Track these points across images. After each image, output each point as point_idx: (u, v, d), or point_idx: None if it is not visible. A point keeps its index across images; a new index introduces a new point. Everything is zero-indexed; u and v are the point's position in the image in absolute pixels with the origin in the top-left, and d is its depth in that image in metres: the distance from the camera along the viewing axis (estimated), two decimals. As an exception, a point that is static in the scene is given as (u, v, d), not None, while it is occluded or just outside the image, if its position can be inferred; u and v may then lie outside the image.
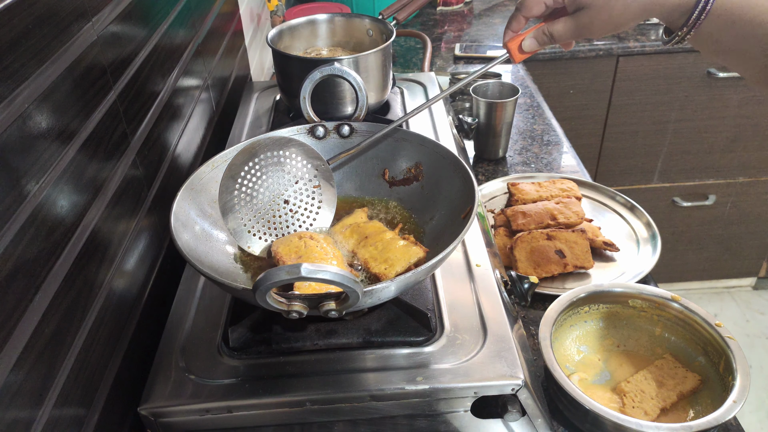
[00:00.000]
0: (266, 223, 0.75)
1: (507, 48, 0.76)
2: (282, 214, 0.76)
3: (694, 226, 2.21)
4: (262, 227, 0.75)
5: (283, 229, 0.76)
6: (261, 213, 0.75)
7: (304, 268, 0.48)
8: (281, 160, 0.75)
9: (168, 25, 0.86)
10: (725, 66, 0.69)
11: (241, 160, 0.72)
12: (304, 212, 0.77)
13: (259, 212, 0.74)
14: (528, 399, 0.62)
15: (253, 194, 0.74)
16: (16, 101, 0.47)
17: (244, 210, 0.73)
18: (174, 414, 0.60)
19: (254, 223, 0.74)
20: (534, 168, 1.28)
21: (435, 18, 2.12)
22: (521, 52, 0.75)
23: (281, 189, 0.75)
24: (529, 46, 0.74)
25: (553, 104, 1.59)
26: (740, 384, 0.69)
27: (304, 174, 0.76)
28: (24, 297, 0.47)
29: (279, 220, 0.76)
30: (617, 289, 0.83)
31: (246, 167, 0.73)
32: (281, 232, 0.76)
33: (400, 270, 0.68)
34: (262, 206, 0.75)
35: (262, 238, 0.74)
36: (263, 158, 0.74)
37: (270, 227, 0.75)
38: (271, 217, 0.75)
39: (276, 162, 0.74)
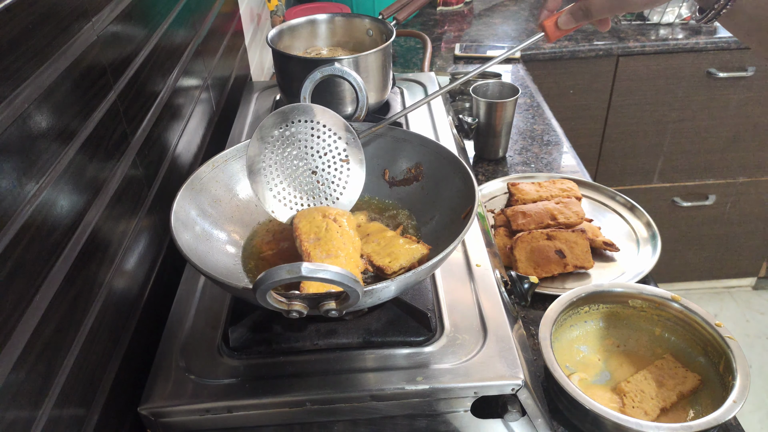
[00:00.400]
0: (292, 191, 0.74)
1: (543, 27, 0.74)
2: (309, 184, 0.74)
3: (694, 226, 2.21)
4: (288, 194, 0.74)
5: (308, 200, 0.74)
6: (288, 180, 0.74)
7: (305, 268, 0.48)
8: (312, 129, 0.73)
9: (168, 25, 0.86)
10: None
11: (272, 123, 0.72)
12: (331, 185, 0.75)
13: (286, 179, 0.74)
14: (528, 399, 0.62)
15: (281, 159, 0.73)
16: (16, 101, 0.47)
17: (271, 174, 0.73)
18: (174, 414, 0.60)
19: (280, 189, 0.73)
20: (534, 168, 1.28)
21: (435, 18, 2.12)
22: (558, 29, 0.74)
23: (309, 158, 0.74)
24: (566, 23, 0.73)
25: (553, 104, 1.59)
26: (740, 384, 0.69)
27: (333, 146, 0.75)
28: (24, 297, 0.47)
29: (305, 189, 0.74)
30: (617, 289, 0.83)
31: (276, 131, 0.72)
32: (306, 202, 0.74)
33: (405, 264, 0.68)
34: (290, 173, 0.74)
35: (287, 205, 0.74)
36: (294, 124, 0.72)
37: (296, 196, 0.74)
38: (297, 185, 0.74)
39: (307, 129, 0.73)
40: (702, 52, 1.85)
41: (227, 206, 0.75)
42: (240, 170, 0.77)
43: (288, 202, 0.74)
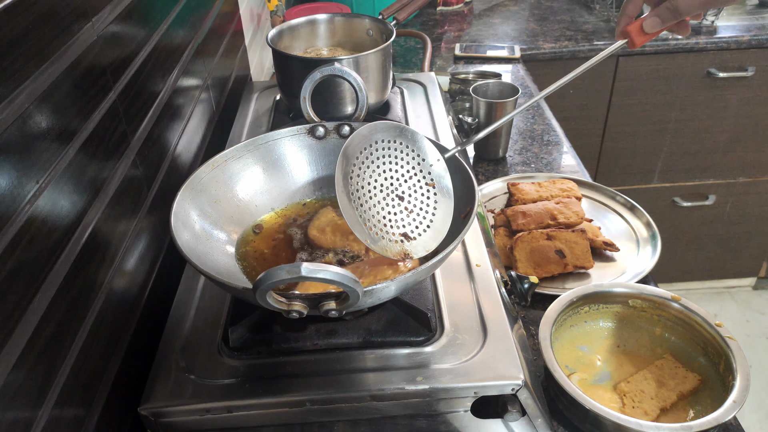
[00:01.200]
0: (382, 219, 0.66)
1: (626, 33, 0.70)
2: (397, 212, 0.67)
3: (694, 226, 2.21)
4: (378, 223, 0.66)
5: (399, 228, 0.66)
6: (377, 207, 0.67)
7: (304, 268, 0.48)
8: (394, 150, 0.68)
9: (168, 25, 0.86)
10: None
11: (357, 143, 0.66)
12: (419, 213, 0.68)
13: (374, 205, 0.66)
14: (528, 399, 0.62)
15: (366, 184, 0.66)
16: (16, 101, 0.47)
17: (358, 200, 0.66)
18: (174, 414, 0.60)
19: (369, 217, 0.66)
20: (534, 168, 1.28)
21: (435, 18, 2.12)
22: (643, 34, 0.70)
23: (395, 183, 0.68)
24: (653, 26, 0.69)
25: (553, 104, 1.59)
26: (740, 384, 0.69)
27: (417, 170, 0.69)
28: (24, 297, 0.47)
29: (395, 218, 0.67)
30: (617, 289, 0.83)
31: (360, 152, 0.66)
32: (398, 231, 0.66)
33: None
34: (377, 200, 0.67)
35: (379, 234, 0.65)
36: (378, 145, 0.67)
37: (386, 224, 0.66)
38: (387, 214, 0.67)
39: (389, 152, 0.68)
40: (702, 52, 1.85)
41: (227, 206, 0.75)
42: (240, 170, 0.77)
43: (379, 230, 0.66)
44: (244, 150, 0.78)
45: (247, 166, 0.78)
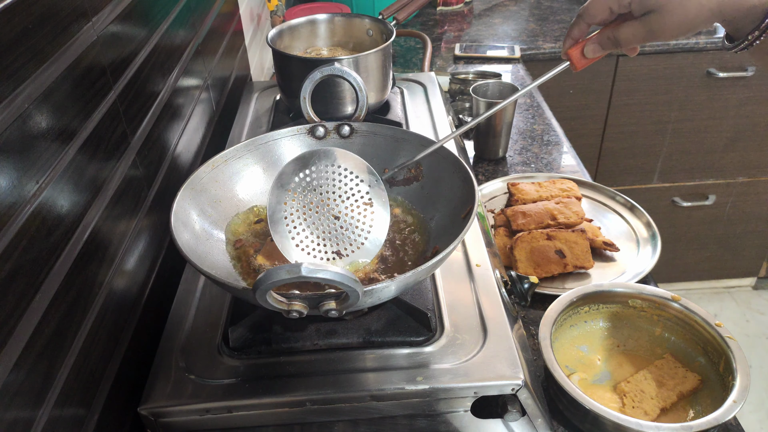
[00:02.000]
0: (315, 238, 0.70)
1: (568, 56, 0.72)
2: (332, 231, 0.70)
3: (694, 226, 2.21)
4: (311, 242, 0.69)
5: (332, 246, 0.70)
6: (311, 227, 0.70)
7: (305, 268, 0.48)
8: (333, 173, 0.71)
9: (168, 25, 0.86)
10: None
11: (291, 169, 0.70)
12: (355, 230, 0.71)
13: (308, 226, 0.70)
14: (528, 399, 0.62)
15: (302, 207, 0.70)
16: (16, 101, 0.47)
17: (293, 222, 0.69)
18: (174, 414, 0.60)
19: (303, 237, 0.69)
20: (534, 168, 1.28)
21: (435, 18, 2.12)
22: (584, 58, 0.72)
23: (332, 203, 0.71)
24: (593, 52, 0.70)
25: (553, 104, 1.59)
26: (740, 384, 0.69)
27: (356, 190, 0.72)
28: (24, 297, 0.47)
29: (329, 236, 0.70)
30: (617, 289, 0.83)
31: (296, 177, 0.70)
32: (330, 249, 0.70)
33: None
34: (312, 220, 0.70)
35: (311, 253, 0.69)
36: (314, 170, 0.71)
37: (319, 243, 0.70)
38: (320, 233, 0.70)
39: (328, 174, 0.71)
40: (702, 52, 1.85)
41: (227, 206, 0.75)
42: (240, 170, 0.77)
43: (311, 250, 0.69)
44: (244, 150, 0.78)
45: (247, 166, 0.78)
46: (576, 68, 0.72)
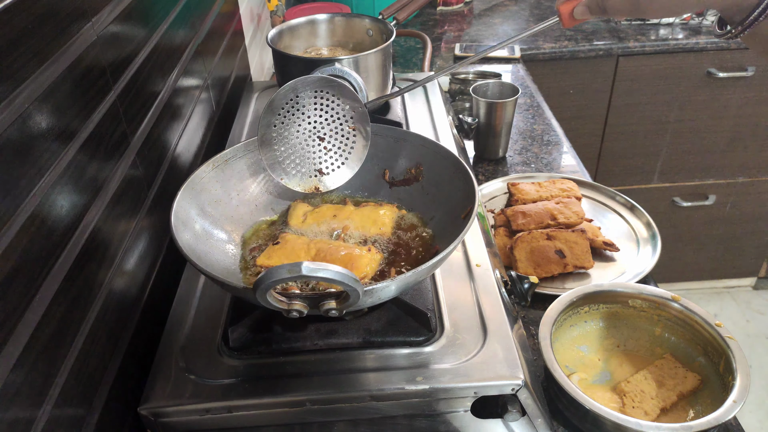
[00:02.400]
0: (300, 158, 0.77)
1: (559, 12, 0.76)
2: (316, 151, 0.78)
3: (694, 226, 2.21)
4: (295, 161, 0.77)
5: (315, 165, 0.78)
6: (296, 148, 0.77)
7: (305, 267, 0.48)
8: (321, 99, 0.76)
9: (168, 25, 0.86)
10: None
11: (282, 95, 0.74)
12: (337, 151, 0.78)
13: (294, 147, 0.77)
14: (528, 399, 0.62)
15: (290, 129, 0.76)
16: (16, 101, 0.47)
17: (280, 144, 0.76)
18: (174, 414, 0.60)
19: (288, 157, 0.76)
20: (534, 168, 1.28)
21: (435, 18, 2.12)
22: (571, 19, 0.75)
23: (318, 126, 0.77)
24: (581, 14, 0.74)
25: (553, 104, 1.59)
26: (740, 384, 0.69)
27: (341, 114, 0.77)
28: (24, 297, 0.47)
29: (313, 156, 0.78)
30: (617, 289, 0.83)
31: (286, 103, 0.75)
32: (313, 167, 0.78)
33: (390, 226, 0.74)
34: (298, 141, 0.77)
35: (295, 172, 0.78)
36: (303, 96, 0.75)
37: (303, 162, 0.78)
38: (306, 153, 0.78)
39: (316, 99, 0.76)
40: (702, 52, 1.85)
41: (227, 206, 0.75)
42: (240, 170, 0.77)
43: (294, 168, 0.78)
44: (244, 150, 0.78)
45: (247, 166, 0.78)
46: (564, 25, 0.76)
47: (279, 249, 0.71)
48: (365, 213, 0.76)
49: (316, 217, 0.76)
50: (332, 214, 0.76)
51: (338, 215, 0.76)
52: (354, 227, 0.74)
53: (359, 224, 0.75)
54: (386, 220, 0.75)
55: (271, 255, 0.71)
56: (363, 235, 0.74)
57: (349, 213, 0.76)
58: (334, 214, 0.76)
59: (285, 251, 0.70)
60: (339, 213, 0.76)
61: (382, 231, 0.74)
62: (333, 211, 0.77)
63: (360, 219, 0.75)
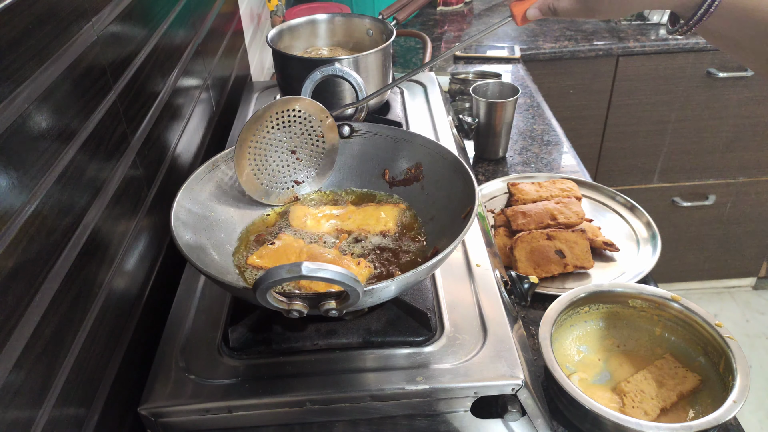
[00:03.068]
0: (275, 174, 0.79)
1: (511, 10, 0.78)
2: (289, 164, 0.80)
3: (694, 226, 2.21)
4: (272, 178, 0.79)
5: (291, 175, 0.80)
6: (271, 167, 0.78)
7: (305, 267, 0.48)
8: (291, 116, 0.77)
9: (168, 25, 0.86)
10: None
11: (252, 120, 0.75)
12: (310, 159, 0.80)
13: (268, 167, 0.78)
14: (528, 399, 0.62)
15: (264, 153, 0.77)
16: (16, 101, 0.47)
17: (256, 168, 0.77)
18: (174, 414, 0.60)
19: (264, 178, 0.78)
20: (534, 168, 1.28)
21: (435, 18, 2.12)
22: (524, 19, 0.78)
23: (288, 142, 0.79)
24: (533, 15, 0.77)
25: (553, 104, 1.59)
26: (740, 384, 0.69)
27: (307, 125, 0.78)
28: (24, 297, 0.47)
29: (288, 168, 0.80)
30: (617, 289, 0.83)
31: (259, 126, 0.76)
32: (289, 179, 0.80)
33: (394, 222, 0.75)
34: (272, 160, 0.78)
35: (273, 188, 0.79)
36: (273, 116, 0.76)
37: (278, 177, 0.79)
38: (280, 168, 0.79)
39: (287, 117, 0.77)
40: (702, 52, 1.85)
41: (227, 206, 0.75)
42: (240, 170, 0.77)
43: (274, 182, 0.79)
44: (244, 150, 0.78)
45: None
46: (517, 23, 0.79)
47: (271, 250, 0.71)
48: (368, 212, 0.76)
49: (316, 219, 0.77)
50: (334, 215, 0.77)
51: (340, 215, 0.77)
52: (356, 226, 0.75)
53: (362, 223, 0.75)
54: (388, 217, 0.75)
55: (262, 255, 0.71)
56: (366, 233, 0.74)
57: (350, 212, 0.76)
58: (336, 213, 0.77)
59: (277, 253, 0.70)
60: (340, 213, 0.77)
61: (386, 227, 0.74)
62: (334, 211, 0.77)
63: (363, 218, 0.75)
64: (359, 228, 0.75)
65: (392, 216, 0.76)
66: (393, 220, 0.75)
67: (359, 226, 0.75)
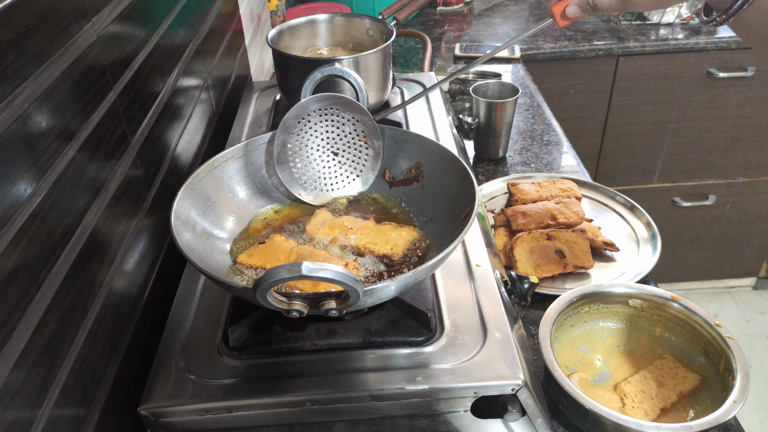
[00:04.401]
0: (316, 173, 0.80)
1: (552, 12, 0.78)
2: (331, 166, 0.81)
3: (694, 226, 2.20)
4: (312, 177, 0.80)
5: (331, 179, 0.81)
6: (311, 164, 0.80)
7: (305, 267, 0.48)
8: (331, 115, 0.78)
9: (168, 25, 0.86)
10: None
11: (294, 114, 0.77)
12: (351, 164, 0.81)
13: (309, 163, 0.79)
14: (528, 399, 0.62)
15: (304, 146, 0.79)
16: (16, 101, 0.47)
17: (296, 161, 0.78)
18: (174, 414, 0.60)
19: (304, 173, 0.79)
20: (534, 168, 1.28)
21: (435, 18, 2.12)
22: (564, 18, 0.77)
23: (331, 142, 0.80)
24: (573, 13, 0.76)
25: (553, 104, 1.59)
26: (740, 384, 0.69)
27: (352, 129, 0.79)
28: (24, 297, 0.47)
29: (328, 171, 0.81)
30: (617, 289, 0.83)
31: (298, 122, 0.77)
32: (330, 182, 0.81)
33: (403, 247, 0.71)
34: (313, 158, 0.80)
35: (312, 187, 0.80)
36: (313, 114, 0.77)
37: (319, 177, 0.80)
38: (321, 168, 0.80)
39: (326, 117, 0.78)
40: (702, 52, 1.85)
41: (227, 206, 0.75)
42: (240, 170, 0.77)
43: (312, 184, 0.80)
44: (244, 150, 0.78)
45: (247, 166, 0.78)
46: (558, 24, 0.78)
47: (261, 249, 0.71)
48: (382, 230, 0.73)
49: (332, 228, 0.74)
50: (348, 227, 0.74)
51: (354, 228, 0.74)
52: (366, 242, 0.72)
53: (372, 240, 0.72)
54: (400, 241, 0.72)
55: (252, 254, 0.70)
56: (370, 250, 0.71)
57: (365, 228, 0.74)
58: (351, 227, 0.74)
59: (266, 253, 0.70)
60: (355, 226, 0.74)
61: (392, 251, 0.71)
62: (351, 223, 0.75)
63: (375, 235, 0.73)
64: (365, 246, 0.72)
65: (405, 240, 0.72)
66: (403, 245, 0.72)
67: (366, 244, 0.72)
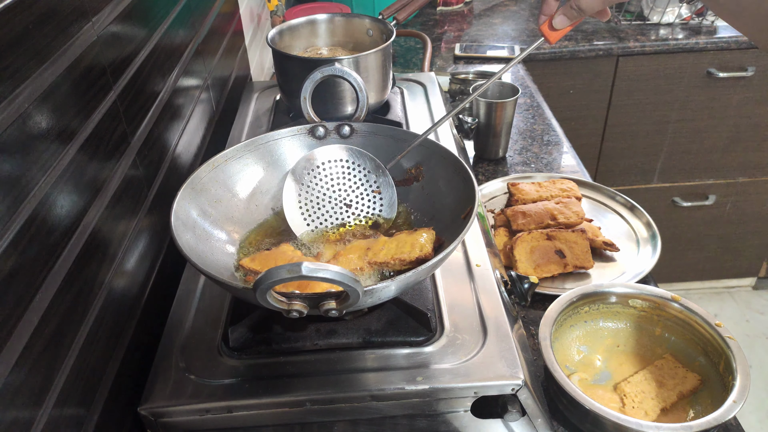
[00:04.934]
0: (329, 226, 0.78)
1: (541, 32, 0.77)
2: (344, 218, 0.78)
3: (694, 226, 2.21)
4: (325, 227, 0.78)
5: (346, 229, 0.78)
6: (324, 216, 0.78)
7: (305, 267, 0.48)
8: (341, 167, 0.78)
9: (168, 25, 0.86)
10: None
11: (303, 165, 0.77)
12: (365, 216, 0.78)
13: (323, 215, 0.78)
14: (528, 399, 0.62)
15: (315, 197, 0.78)
16: (16, 101, 0.47)
17: (308, 211, 0.78)
18: (174, 414, 0.60)
19: (317, 225, 0.78)
20: (534, 168, 1.28)
21: (435, 18, 2.12)
22: (553, 30, 0.76)
23: (343, 193, 0.79)
24: (560, 23, 0.75)
25: (553, 104, 1.59)
26: (740, 384, 0.69)
27: (364, 181, 0.78)
28: (24, 297, 0.47)
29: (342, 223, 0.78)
30: (617, 289, 0.83)
31: (308, 173, 0.78)
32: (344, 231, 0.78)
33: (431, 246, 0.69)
34: (325, 209, 0.78)
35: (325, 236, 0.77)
36: (325, 165, 0.78)
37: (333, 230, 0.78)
38: (334, 221, 0.78)
39: (337, 168, 0.78)
40: (702, 52, 1.85)
41: (227, 206, 0.75)
42: (240, 170, 0.77)
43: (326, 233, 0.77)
44: (244, 150, 0.78)
45: (247, 166, 0.78)
46: (550, 41, 0.77)
47: (265, 255, 0.70)
48: (401, 239, 0.71)
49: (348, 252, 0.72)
50: (365, 247, 0.72)
51: (372, 247, 0.71)
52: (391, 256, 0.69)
53: (397, 250, 0.69)
54: (425, 242, 0.69)
55: (255, 258, 0.70)
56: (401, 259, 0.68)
57: (382, 243, 0.71)
58: (368, 246, 0.72)
59: (269, 259, 0.70)
60: (372, 245, 0.72)
61: (422, 252, 0.68)
62: (366, 244, 0.72)
63: (396, 245, 0.70)
64: (393, 257, 0.69)
65: (428, 240, 0.69)
66: (430, 244, 0.69)
67: (393, 256, 0.69)
